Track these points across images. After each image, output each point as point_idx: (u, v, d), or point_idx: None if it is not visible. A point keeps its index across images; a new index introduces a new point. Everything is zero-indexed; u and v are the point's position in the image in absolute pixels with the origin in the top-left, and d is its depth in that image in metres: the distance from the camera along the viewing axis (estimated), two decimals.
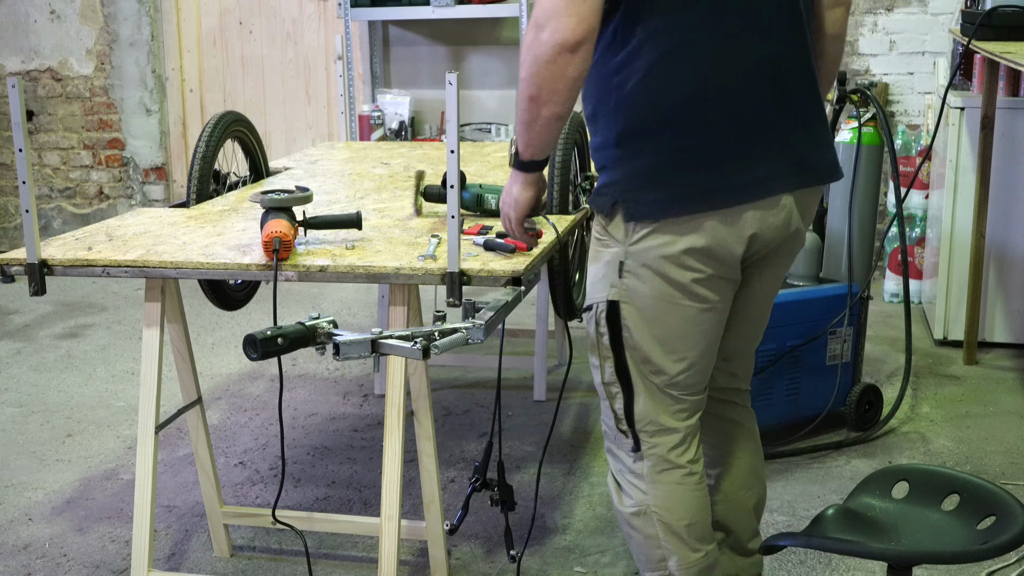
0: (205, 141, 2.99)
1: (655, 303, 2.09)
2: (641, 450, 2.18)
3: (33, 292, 2.46)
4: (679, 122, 2.01)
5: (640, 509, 2.20)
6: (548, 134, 2.06)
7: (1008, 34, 3.88)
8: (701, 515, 2.22)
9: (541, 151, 2.11)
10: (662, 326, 2.11)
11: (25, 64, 6.42)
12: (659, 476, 2.18)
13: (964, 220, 4.35)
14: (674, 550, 2.20)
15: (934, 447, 3.58)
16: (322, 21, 6.16)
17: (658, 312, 2.10)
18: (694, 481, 2.20)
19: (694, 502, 2.20)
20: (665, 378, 2.14)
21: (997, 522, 1.95)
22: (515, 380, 4.23)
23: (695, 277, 2.06)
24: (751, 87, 2.02)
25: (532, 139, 2.08)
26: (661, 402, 2.16)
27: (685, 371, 2.14)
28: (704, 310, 2.11)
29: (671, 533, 2.19)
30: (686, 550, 2.20)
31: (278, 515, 2.69)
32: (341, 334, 2.16)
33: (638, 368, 2.14)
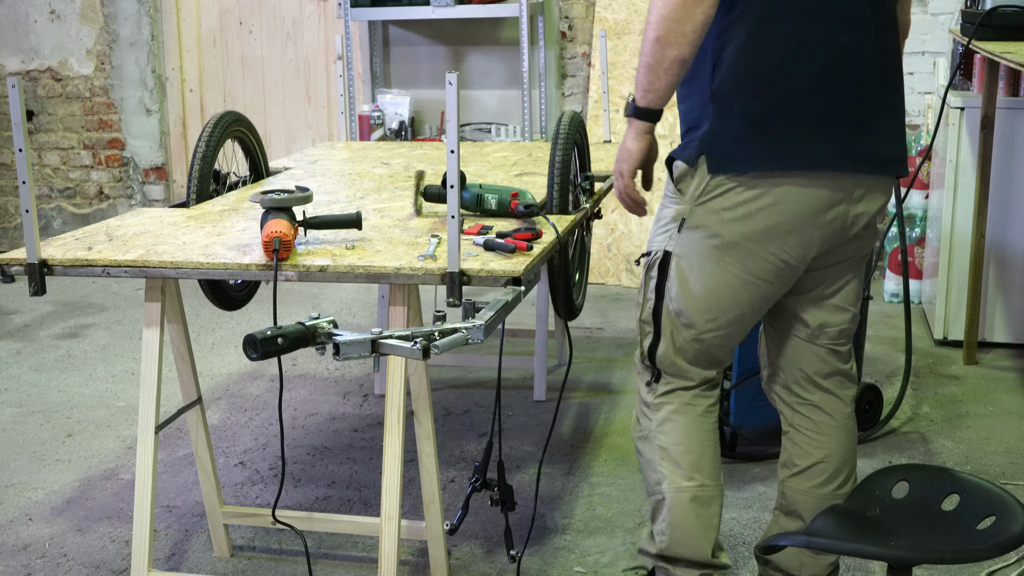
0: (205, 141, 2.99)
1: (702, 261, 2.24)
2: (658, 383, 2.37)
3: (33, 292, 2.46)
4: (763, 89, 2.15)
5: (644, 434, 2.39)
6: (670, 78, 2.15)
7: (1008, 34, 3.89)
8: (700, 448, 2.35)
9: (659, 99, 2.19)
10: (702, 284, 2.26)
11: (25, 64, 6.42)
12: (665, 405, 2.37)
13: (964, 220, 4.35)
14: (667, 473, 2.35)
15: (934, 447, 3.58)
16: (322, 21, 6.16)
17: (703, 270, 2.25)
18: (697, 414, 2.35)
19: (693, 432, 2.34)
20: (694, 332, 2.31)
21: (997, 522, 1.95)
22: (515, 380, 4.23)
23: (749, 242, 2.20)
24: (823, 69, 2.14)
25: (654, 82, 2.16)
26: (683, 351, 2.33)
27: (713, 331, 2.30)
28: (746, 281, 2.24)
29: (667, 457, 2.35)
30: (678, 475, 2.34)
31: (278, 515, 2.69)
32: (341, 334, 2.16)
33: (670, 317, 2.31)
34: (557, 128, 2.94)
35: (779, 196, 2.17)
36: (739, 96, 2.16)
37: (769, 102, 2.15)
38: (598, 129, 5.42)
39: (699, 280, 2.26)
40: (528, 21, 5.42)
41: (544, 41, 5.72)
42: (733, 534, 3.03)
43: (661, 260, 2.30)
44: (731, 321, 2.29)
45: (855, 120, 2.19)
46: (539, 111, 5.69)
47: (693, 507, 2.35)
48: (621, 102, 5.61)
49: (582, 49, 5.79)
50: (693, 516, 2.35)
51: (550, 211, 2.85)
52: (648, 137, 2.28)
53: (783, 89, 2.15)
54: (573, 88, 5.84)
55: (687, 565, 2.38)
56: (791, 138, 2.16)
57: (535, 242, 2.50)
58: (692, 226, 2.24)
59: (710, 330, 2.30)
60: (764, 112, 2.15)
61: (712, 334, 2.30)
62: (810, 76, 2.15)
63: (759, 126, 2.16)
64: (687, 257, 2.26)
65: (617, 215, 5.56)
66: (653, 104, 2.20)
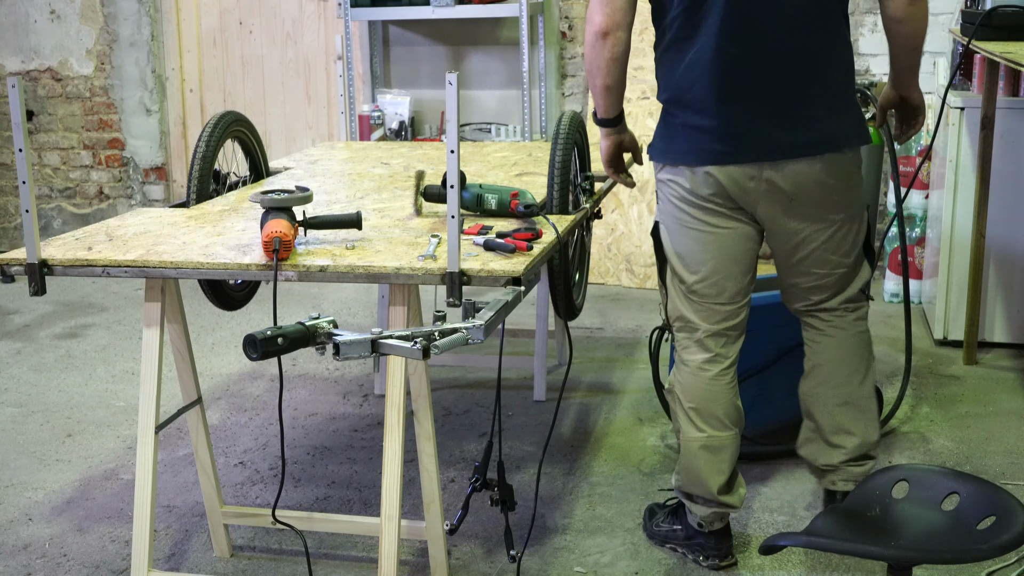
0: (205, 141, 2.99)
1: (673, 225, 2.74)
2: (676, 340, 2.82)
3: (33, 292, 2.46)
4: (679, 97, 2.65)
5: (670, 386, 2.84)
6: (607, 99, 2.73)
7: (1008, 34, 3.88)
8: (711, 406, 2.76)
9: (605, 111, 2.77)
10: (678, 243, 2.74)
11: (25, 64, 6.42)
12: (684, 366, 2.80)
13: (964, 220, 4.35)
14: (682, 423, 2.79)
15: (934, 447, 3.58)
16: (322, 21, 6.16)
17: (676, 232, 2.74)
18: (710, 375, 2.76)
19: (704, 391, 2.76)
20: (685, 285, 2.75)
21: (997, 522, 1.95)
22: (515, 380, 4.23)
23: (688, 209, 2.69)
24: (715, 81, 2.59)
25: (597, 102, 2.77)
26: (686, 304, 2.76)
27: (699, 281, 2.72)
28: (706, 234, 2.69)
29: (682, 410, 2.79)
30: (689, 426, 2.78)
31: (278, 515, 2.69)
32: (341, 334, 2.16)
33: (670, 275, 2.78)
34: (557, 128, 2.94)
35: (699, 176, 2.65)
36: (664, 103, 2.70)
37: (678, 108, 2.66)
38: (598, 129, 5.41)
39: (676, 241, 2.74)
40: (528, 21, 5.42)
41: (544, 41, 5.72)
42: (733, 534, 3.03)
43: (653, 229, 2.81)
44: (711, 271, 2.71)
45: (753, 118, 2.60)
46: (539, 111, 5.69)
47: (702, 454, 2.77)
48: None
49: (582, 49, 5.79)
50: (702, 462, 2.77)
51: (550, 211, 2.85)
52: (613, 136, 2.83)
53: (687, 97, 2.63)
54: (573, 88, 5.84)
55: (701, 502, 2.82)
56: (692, 138, 2.64)
57: (535, 242, 2.50)
58: (662, 199, 2.76)
59: (696, 281, 2.72)
60: (675, 117, 2.67)
61: (700, 284, 2.72)
62: (704, 86, 2.60)
63: (671, 128, 2.69)
64: (666, 223, 2.76)
65: (617, 215, 5.56)
66: (607, 115, 2.78)
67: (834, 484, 2.90)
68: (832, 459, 2.88)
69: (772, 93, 2.60)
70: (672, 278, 2.77)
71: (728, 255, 2.71)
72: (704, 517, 2.84)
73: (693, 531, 2.89)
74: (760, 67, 2.58)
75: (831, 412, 2.87)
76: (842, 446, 2.87)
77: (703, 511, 2.83)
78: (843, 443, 2.87)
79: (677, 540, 2.94)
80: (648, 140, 2.84)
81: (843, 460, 2.88)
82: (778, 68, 2.58)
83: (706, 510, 2.82)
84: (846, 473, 2.89)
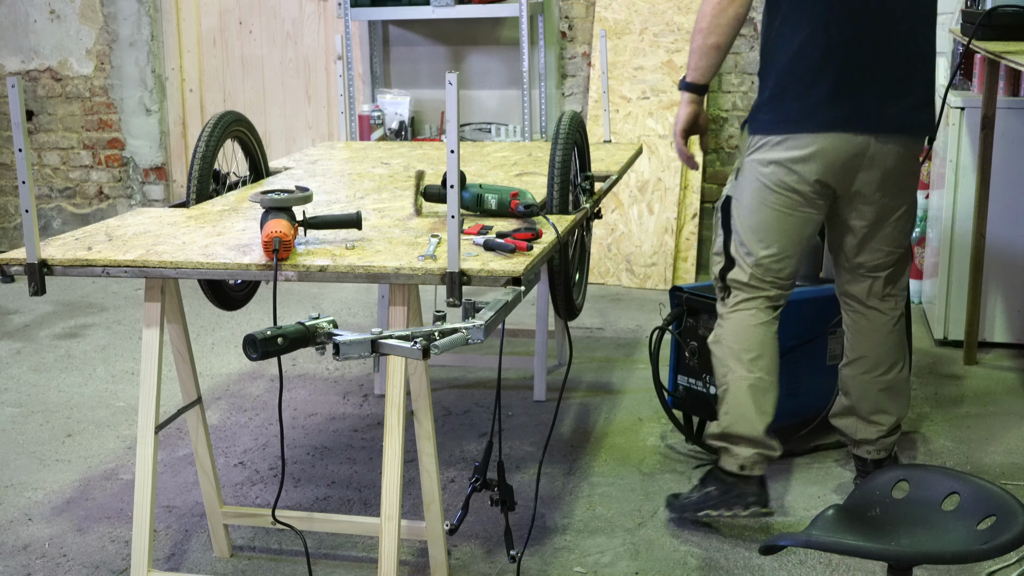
0: (205, 141, 2.99)
1: (751, 201, 2.92)
2: (726, 299, 3.00)
3: (33, 292, 2.46)
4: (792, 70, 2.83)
5: (717, 339, 3.02)
6: (710, 60, 2.87)
7: (1008, 34, 3.88)
8: (759, 348, 2.96)
9: (702, 76, 2.91)
10: (754, 219, 2.92)
11: (25, 64, 6.42)
12: (732, 314, 2.99)
13: (964, 220, 4.35)
14: (732, 367, 2.96)
15: (934, 447, 3.58)
16: (322, 21, 6.16)
17: (753, 207, 2.92)
18: (759, 321, 2.96)
19: (755, 335, 2.96)
20: (753, 258, 2.94)
21: (997, 522, 1.95)
22: (515, 380, 4.23)
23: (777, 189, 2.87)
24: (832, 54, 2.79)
25: (698, 62, 2.89)
26: (748, 273, 2.96)
27: (768, 256, 2.93)
28: (786, 215, 2.89)
29: (732, 354, 2.97)
30: (740, 367, 2.96)
31: (278, 515, 2.69)
32: (341, 334, 2.16)
33: (736, 247, 2.97)
34: (557, 128, 2.94)
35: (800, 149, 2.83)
36: (776, 76, 2.85)
37: (791, 80, 2.83)
38: (598, 129, 5.42)
39: (753, 216, 2.93)
40: (528, 21, 5.42)
41: (544, 41, 5.72)
42: (733, 534, 3.04)
43: (723, 203, 2.99)
44: (782, 248, 2.92)
45: (866, 93, 2.80)
46: (539, 111, 5.69)
47: (750, 393, 2.95)
48: (621, 102, 5.62)
49: (582, 49, 5.79)
50: (750, 401, 2.95)
51: (550, 211, 2.84)
52: (694, 106, 2.96)
53: (800, 71, 2.81)
54: (573, 88, 5.84)
55: (745, 443, 2.97)
56: (806, 108, 2.81)
57: (535, 242, 2.50)
58: (742, 175, 2.94)
59: (765, 256, 2.93)
60: (788, 89, 2.83)
61: (768, 259, 2.93)
62: (820, 61, 2.79)
63: (781, 100, 2.84)
64: (740, 199, 2.95)
65: (617, 215, 5.56)
66: (698, 80, 2.92)
67: (868, 453, 3.16)
68: (869, 435, 3.14)
69: (883, 73, 2.82)
70: (739, 249, 2.97)
71: (798, 237, 2.94)
72: (747, 459, 2.98)
73: (732, 482, 2.99)
74: (873, 48, 2.80)
75: (872, 397, 3.12)
76: (880, 423, 3.14)
77: (747, 452, 2.97)
78: (881, 421, 3.13)
79: (712, 501, 3.00)
80: (649, 140, 2.88)
81: (879, 436, 3.14)
82: (888, 51, 2.82)
83: (750, 450, 2.97)
84: (880, 444, 3.16)
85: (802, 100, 2.83)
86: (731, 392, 2.97)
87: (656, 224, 5.49)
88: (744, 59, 5.60)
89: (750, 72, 5.61)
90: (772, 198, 2.89)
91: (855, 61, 2.81)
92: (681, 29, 5.55)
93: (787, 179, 2.86)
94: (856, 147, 2.84)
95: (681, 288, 3.59)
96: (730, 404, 2.97)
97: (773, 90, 2.87)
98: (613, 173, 3.44)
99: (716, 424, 3.03)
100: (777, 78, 2.86)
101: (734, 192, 2.97)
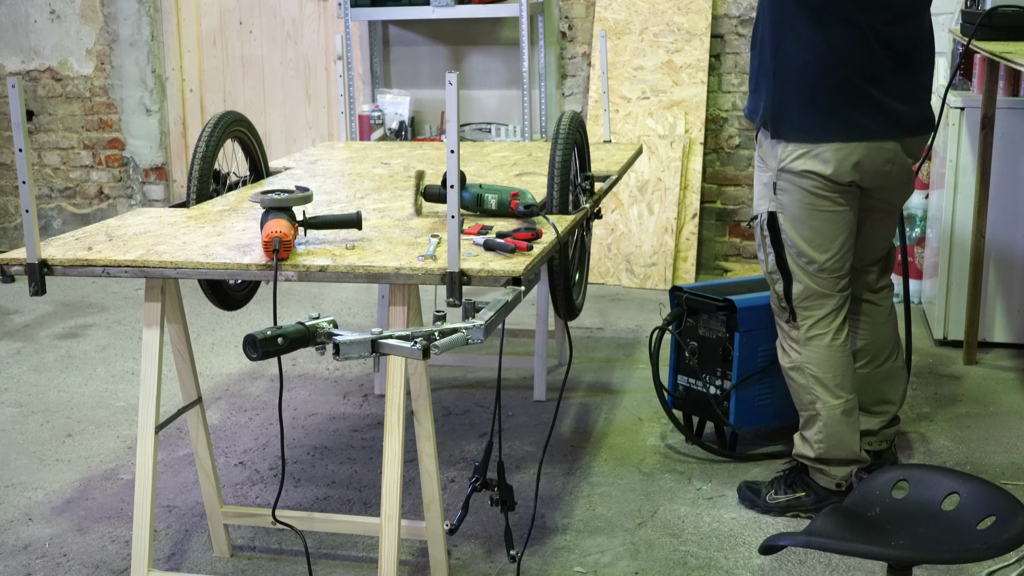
0: (205, 141, 2.99)
1: (801, 211, 2.94)
2: (797, 321, 3.01)
3: (33, 292, 2.46)
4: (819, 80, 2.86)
5: (795, 365, 3.05)
6: None
7: (1008, 34, 3.88)
8: (842, 371, 3.02)
9: None
10: (807, 227, 2.94)
11: (25, 64, 6.42)
12: (811, 340, 3.01)
13: (964, 220, 4.35)
14: (820, 395, 3.01)
15: (934, 447, 3.58)
16: (322, 21, 6.16)
17: (804, 218, 2.94)
18: (838, 344, 3.01)
19: (836, 360, 3.01)
20: (816, 265, 2.97)
21: (997, 522, 1.95)
22: (515, 380, 4.23)
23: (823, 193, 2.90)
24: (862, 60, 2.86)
25: None
26: (816, 281, 2.98)
27: (830, 259, 2.96)
28: (837, 212, 2.93)
29: (818, 383, 3.01)
30: (829, 396, 3.01)
31: (278, 515, 2.69)
32: (341, 334, 2.16)
33: (794, 260, 2.98)
34: (557, 128, 2.94)
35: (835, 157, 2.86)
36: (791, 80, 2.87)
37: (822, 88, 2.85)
38: (598, 129, 5.42)
39: (804, 226, 2.94)
40: (528, 21, 5.42)
41: (544, 41, 5.72)
42: (733, 534, 3.04)
43: (768, 220, 2.98)
44: (840, 246, 2.97)
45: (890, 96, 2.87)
46: (539, 111, 5.69)
47: (843, 419, 3.02)
48: (621, 102, 5.62)
49: (582, 49, 5.79)
50: (845, 426, 3.03)
51: (550, 211, 2.84)
52: None
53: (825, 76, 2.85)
54: (573, 88, 5.84)
55: (842, 464, 3.07)
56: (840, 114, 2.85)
57: (535, 242, 2.50)
58: (781, 188, 2.94)
59: (827, 259, 2.96)
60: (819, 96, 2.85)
61: (830, 262, 2.97)
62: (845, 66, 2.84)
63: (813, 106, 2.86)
64: (789, 211, 2.95)
65: (617, 215, 5.56)
66: None
67: (871, 445, 3.22)
68: (871, 426, 3.22)
69: (902, 76, 2.90)
70: (798, 261, 2.98)
71: (850, 231, 3.00)
72: (844, 477, 3.09)
73: (825, 494, 3.09)
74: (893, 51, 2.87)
75: (875, 387, 3.22)
76: (882, 413, 3.24)
77: (843, 471, 3.08)
78: (883, 411, 3.24)
79: (803, 507, 3.10)
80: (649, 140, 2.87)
81: (882, 426, 3.23)
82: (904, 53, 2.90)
83: (846, 470, 3.08)
84: (882, 435, 3.25)
85: (834, 107, 2.86)
86: (824, 421, 3.03)
87: (656, 224, 5.49)
88: (744, 59, 5.60)
89: None
90: (821, 203, 2.92)
91: (879, 65, 2.86)
92: (681, 29, 5.55)
93: (827, 184, 2.90)
94: (888, 153, 2.91)
95: (681, 288, 3.59)
96: (825, 432, 3.04)
97: (801, 95, 2.88)
98: (613, 173, 3.44)
99: (805, 445, 3.09)
100: (802, 83, 2.87)
101: (777, 207, 2.97)
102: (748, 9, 5.56)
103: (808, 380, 3.03)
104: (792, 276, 2.99)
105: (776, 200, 2.96)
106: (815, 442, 3.06)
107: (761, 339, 3.42)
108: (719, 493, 3.27)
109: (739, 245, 5.78)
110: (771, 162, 2.96)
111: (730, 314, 3.41)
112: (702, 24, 5.53)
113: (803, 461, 3.12)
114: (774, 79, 2.91)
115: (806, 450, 3.09)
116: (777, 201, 2.96)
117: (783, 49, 2.89)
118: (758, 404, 3.47)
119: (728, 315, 3.42)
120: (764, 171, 3.01)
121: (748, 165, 5.68)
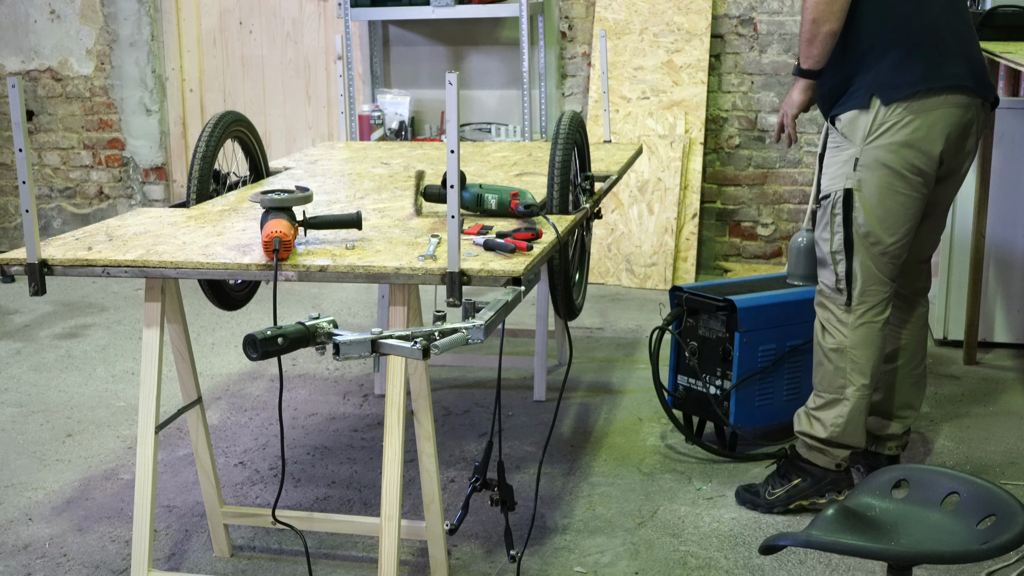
0: (205, 141, 2.99)
1: (879, 190, 2.93)
2: (852, 305, 3.00)
3: (33, 292, 2.46)
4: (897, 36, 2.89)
5: (839, 347, 3.03)
6: (825, 47, 2.92)
7: (1008, 34, 3.89)
8: (879, 360, 3.06)
9: (816, 63, 2.97)
10: (881, 208, 2.94)
11: (25, 64, 6.42)
12: (862, 326, 3.01)
13: (964, 220, 4.35)
14: (854, 381, 3.03)
15: (934, 447, 3.58)
16: (322, 21, 6.16)
17: (880, 197, 2.93)
18: (883, 335, 3.04)
19: (878, 349, 3.04)
20: (881, 247, 2.97)
21: (997, 522, 1.95)
22: (515, 380, 4.23)
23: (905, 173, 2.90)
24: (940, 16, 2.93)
25: (812, 52, 2.95)
26: (879, 264, 2.98)
27: (894, 243, 2.97)
28: (913, 198, 2.94)
29: (856, 368, 3.02)
30: (861, 379, 3.03)
31: (278, 515, 2.69)
32: (341, 334, 2.16)
33: (861, 240, 2.97)
34: (557, 128, 2.94)
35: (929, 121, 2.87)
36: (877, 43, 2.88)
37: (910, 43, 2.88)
38: (598, 129, 5.42)
39: (879, 206, 2.94)
40: (528, 21, 5.42)
41: (544, 41, 5.72)
42: (733, 534, 3.04)
43: (844, 198, 2.96)
44: (906, 232, 2.97)
45: (967, 54, 2.94)
46: (539, 111, 5.69)
47: (863, 404, 3.05)
48: (621, 102, 5.62)
49: (582, 49, 5.79)
50: (863, 413, 3.07)
51: (550, 211, 2.84)
52: (810, 92, 3.06)
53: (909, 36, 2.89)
54: (573, 88, 5.84)
55: (847, 447, 3.09)
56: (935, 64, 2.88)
57: (535, 242, 2.50)
58: (864, 164, 2.92)
59: (893, 243, 2.97)
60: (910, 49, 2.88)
61: (895, 246, 2.97)
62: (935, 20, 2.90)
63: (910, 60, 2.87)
64: (867, 188, 2.93)
65: (617, 215, 5.56)
66: (813, 67, 2.98)
67: (891, 449, 3.28)
68: (896, 430, 3.27)
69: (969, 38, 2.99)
70: (864, 243, 2.97)
71: (916, 221, 3.00)
72: (846, 458, 3.11)
73: (822, 475, 3.11)
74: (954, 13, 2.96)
75: (905, 389, 3.26)
76: (906, 417, 3.28)
77: (845, 453, 3.10)
78: (907, 415, 3.28)
79: (804, 492, 3.12)
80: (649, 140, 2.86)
81: (904, 430, 3.28)
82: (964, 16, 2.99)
83: (847, 452, 3.11)
84: (903, 440, 3.30)
85: (929, 58, 2.88)
86: (851, 406, 3.04)
87: (656, 224, 5.49)
88: (743, 59, 5.60)
89: (750, 72, 5.61)
90: (900, 184, 2.91)
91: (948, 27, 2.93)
92: (681, 29, 5.56)
93: (916, 161, 2.90)
94: (970, 111, 2.93)
95: (681, 288, 3.59)
96: (847, 417, 3.04)
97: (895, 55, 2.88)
98: (613, 173, 3.44)
99: (813, 425, 3.09)
100: (890, 44, 2.89)
101: (855, 184, 2.94)
102: (748, 9, 5.56)
103: (847, 364, 3.02)
104: (854, 256, 2.98)
105: (855, 177, 2.94)
106: (831, 424, 3.06)
107: (761, 339, 3.42)
108: (719, 493, 3.27)
109: (739, 245, 5.78)
110: (855, 136, 2.94)
111: (730, 314, 3.41)
112: (702, 24, 5.53)
113: (806, 440, 3.11)
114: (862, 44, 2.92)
115: (815, 430, 3.09)
116: (856, 178, 2.94)
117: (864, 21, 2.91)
118: (758, 404, 3.47)
119: (728, 315, 3.42)
120: (844, 148, 2.97)
121: (748, 165, 5.69)
